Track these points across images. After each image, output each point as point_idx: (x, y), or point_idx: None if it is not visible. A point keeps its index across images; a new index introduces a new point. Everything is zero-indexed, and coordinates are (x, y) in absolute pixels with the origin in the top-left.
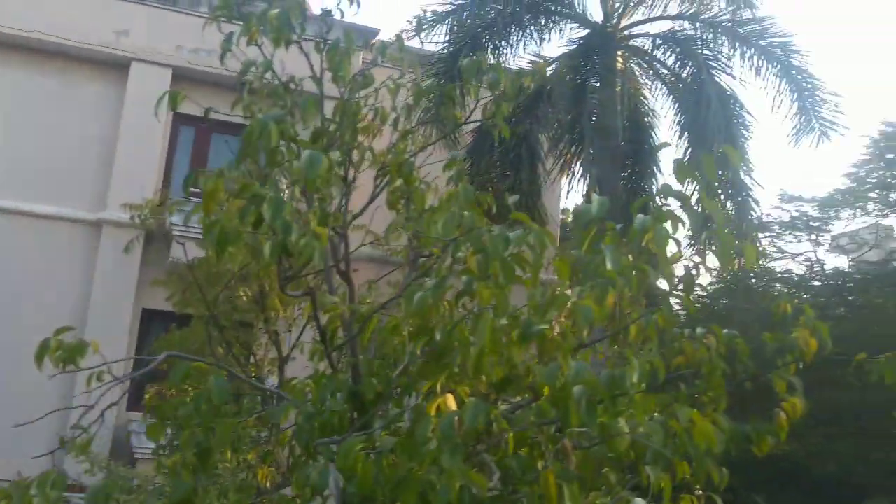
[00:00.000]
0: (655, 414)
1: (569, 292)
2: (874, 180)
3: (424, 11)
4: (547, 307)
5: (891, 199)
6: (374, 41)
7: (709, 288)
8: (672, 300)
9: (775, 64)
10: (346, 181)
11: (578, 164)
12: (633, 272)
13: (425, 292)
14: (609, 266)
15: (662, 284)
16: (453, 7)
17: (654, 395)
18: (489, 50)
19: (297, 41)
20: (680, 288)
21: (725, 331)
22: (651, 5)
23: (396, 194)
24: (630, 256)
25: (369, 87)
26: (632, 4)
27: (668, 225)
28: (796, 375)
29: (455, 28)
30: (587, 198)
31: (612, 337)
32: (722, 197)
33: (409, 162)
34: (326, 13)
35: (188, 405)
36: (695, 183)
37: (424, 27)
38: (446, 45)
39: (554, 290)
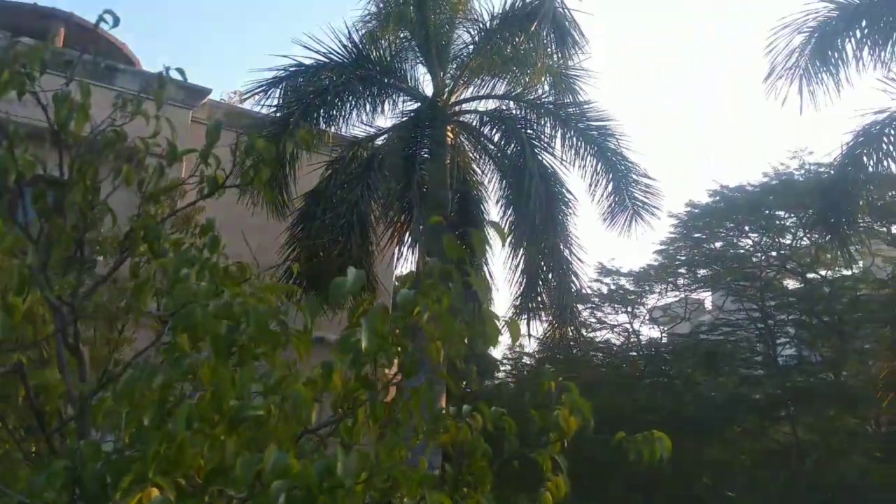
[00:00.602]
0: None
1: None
2: (683, 258)
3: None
4: (273, 388)
5: (699, 276)
6: (203, 101)
7: (536, 355)
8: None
9: (592, 146)
10: (82, 244)
11: (408, 233)
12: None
13: (134, 372)
14: (364, 343)
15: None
16: (287, 73)
17: (419, 479)
18: (321, 116)
19: (32, 91)
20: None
21: (493, 408)
22: (480, 84)
23: (137, 262)
24: (398, 331)
25: (117, 144)
26: (461, 82)
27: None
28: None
29: (288, 93)
30: (418, 266)
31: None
32: (545, 268)
33: (155, 227)
34: (68, 62)
35: None
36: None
37: (258, 91)
38: (278, 108)
39: (289, 368)
